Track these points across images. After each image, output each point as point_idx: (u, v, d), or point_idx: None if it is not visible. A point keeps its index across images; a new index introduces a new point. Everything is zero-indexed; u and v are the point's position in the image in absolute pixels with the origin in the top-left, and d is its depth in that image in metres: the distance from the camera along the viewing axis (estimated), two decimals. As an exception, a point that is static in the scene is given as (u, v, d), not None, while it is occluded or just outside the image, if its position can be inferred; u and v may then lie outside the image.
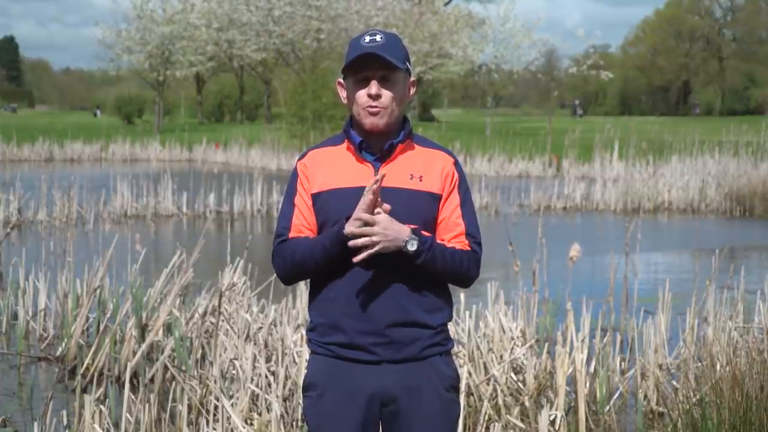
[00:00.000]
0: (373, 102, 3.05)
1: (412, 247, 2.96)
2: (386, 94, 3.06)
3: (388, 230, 2.93)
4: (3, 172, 25.19)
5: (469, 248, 3.10)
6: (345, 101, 3.16)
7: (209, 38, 48.58)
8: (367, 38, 3.06)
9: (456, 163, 3.17)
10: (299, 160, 3.19)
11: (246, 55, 48.95)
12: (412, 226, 3.00)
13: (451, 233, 3.10)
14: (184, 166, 30.28)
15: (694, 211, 19.51)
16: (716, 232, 16.45)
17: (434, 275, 3.05)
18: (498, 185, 20.73)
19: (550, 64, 61.74)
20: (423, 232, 3.02)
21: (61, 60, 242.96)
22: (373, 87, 3.05)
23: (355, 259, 2.95)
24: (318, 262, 3.04)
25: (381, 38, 3.05)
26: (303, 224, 3.12)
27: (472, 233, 3.13)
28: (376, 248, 2.93)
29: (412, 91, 3.19)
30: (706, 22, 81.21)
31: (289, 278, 3.14)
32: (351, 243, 2.94)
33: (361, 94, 3.07)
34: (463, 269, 3.08)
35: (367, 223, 2.94)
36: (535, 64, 50.90)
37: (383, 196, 3.02)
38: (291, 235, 3.11)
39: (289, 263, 3.09)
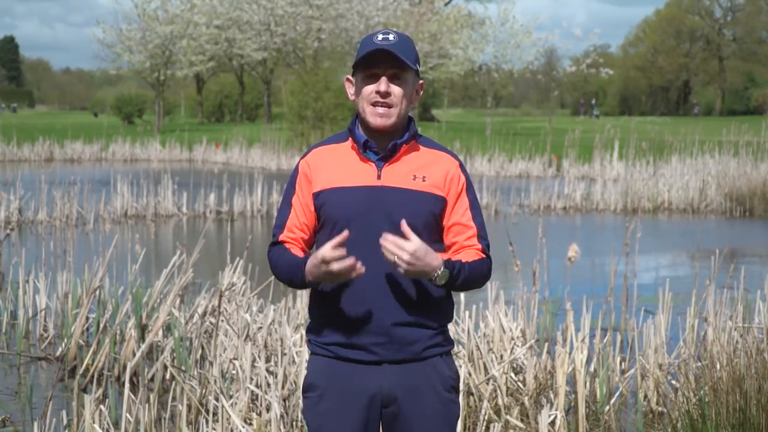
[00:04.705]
0: (381, 99, 3.05)
1: (440, 281, 2.97)
2: (396, 92, 3.06)
3: (419, 260, 2.91)
4: (3, 172, 25.17)
5: (483, 254, 3.12)
6: (352, 98, 3.16)
7: (209, 37, 48.52)
8: (380, 36, 3.06)
9: (461, 166, 3.17)
10: (302, 158, 3.20)
11: (246, 54, 48.89)
12: (444, 258, 2.98)
13: (463, 236, 3.12)
14: (184, 166, 30.25)
15: (694, 211, 19.49)
16: (716, 232, 16.43)
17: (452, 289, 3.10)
18: (498, 185, 20.71)
19: (549, 63, 61.65)
20: (451, 258, 3.01)
21: (62, 60, 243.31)
22: (382, 84, 3.05)
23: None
24: (293, 283, 3.10)
25: (394, 37, 3.06)
26: (296, 225, 3.14)
27: (483, 235, 3.16)
28: (400, 268, 2.91)
29: (420, 93, 3.18)
30: (706, 22, 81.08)
31: (280, 281, 3.21)
32: (336, 267, 2.90)
33: (369, 90, 3.06)
34: (482, 278, 3.12)
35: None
36: (536, 64, 50.84)
37: (386, 195, 3.03)
38: (282, 236, 3.14)
39: (275, 272, 3.17)
